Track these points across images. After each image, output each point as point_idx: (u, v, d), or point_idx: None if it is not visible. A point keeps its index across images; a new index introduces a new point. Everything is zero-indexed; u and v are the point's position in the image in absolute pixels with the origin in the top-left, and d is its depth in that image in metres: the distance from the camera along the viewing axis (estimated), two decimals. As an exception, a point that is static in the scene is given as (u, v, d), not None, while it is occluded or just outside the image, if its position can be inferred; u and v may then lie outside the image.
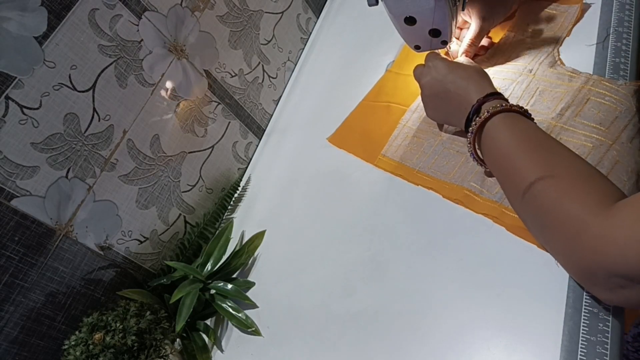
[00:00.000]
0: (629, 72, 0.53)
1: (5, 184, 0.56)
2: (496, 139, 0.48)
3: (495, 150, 0.49)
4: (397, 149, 0.67)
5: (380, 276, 0.57)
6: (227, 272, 0.70)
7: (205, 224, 0.79)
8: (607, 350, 0.39)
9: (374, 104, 0.77)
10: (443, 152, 0.62)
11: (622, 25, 0.56)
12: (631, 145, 0.48)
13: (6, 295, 0.57)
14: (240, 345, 0.64)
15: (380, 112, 0.75)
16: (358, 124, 0.77)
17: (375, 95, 0.78)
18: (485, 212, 0.53)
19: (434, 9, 0.53)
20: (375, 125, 0.74)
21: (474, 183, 0.56)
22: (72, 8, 0.60)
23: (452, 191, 0.57)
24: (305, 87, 0.95)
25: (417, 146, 0.65)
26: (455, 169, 0.59)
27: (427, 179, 0.61)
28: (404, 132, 0.68)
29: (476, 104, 0.51)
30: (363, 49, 0.90)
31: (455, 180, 0.58)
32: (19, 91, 0.56)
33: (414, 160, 0.64)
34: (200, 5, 0.78)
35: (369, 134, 0.74)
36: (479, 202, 0.54)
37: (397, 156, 0.66)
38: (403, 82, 0.75)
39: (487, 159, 0.51)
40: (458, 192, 0.57)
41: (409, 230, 0.58)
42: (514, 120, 0.48)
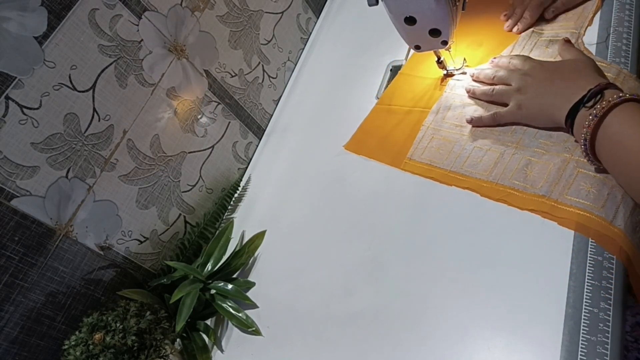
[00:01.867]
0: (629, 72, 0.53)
1: (5, 184, 0.56)
2: (629, 126, 0.42)
3: (627, 138, 0.42)
4: (423, 151, 0.65)
5: (380, 276, 0.57)
6: (228, 272, 0.70)
7: (206, 224, 0.79)
8: (607, 350, 0.39)
9: (389, 108, 0.75)
10: (474, 151, 0.60)
11: (622, 25, 0.56)
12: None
13: (6, 295, 0.57)
14: (240, 345, 0.64)
15: (398, 116, 0.72)
16: (376, 128, 0.75)
17: (390, 99, 0.76)
18: (532, 208, 0.51)
19: (434, 9, 0.53)
20: (395, 129, 0.71)
21: (515, 180, 0.54)
22: (72, 8, 0.60)
23: (492, 190, 0.55)
24: (305, 87, 0.95)
25: (446, 147, 0.63)
26: (491, 167, 0.57)
27: (462, 179, 0.58)
28: (429, 134, 0.66)
29: (596, 87, 0.45)
30: (363, 49, 0.90)
31: (494, 178, 0.56)
32: (19, 91, 0.56)
33: (444, 161, 0.62)
34: (200, 5, 0.78)
35: (389, 139, 0.71)
36: (525, 199, 0.52)
37: (425, 159, 0.64)
38: (418, 84, 0.73)
39: (609, 149, 0.45)
40: (499, 190, 0.55)
41: (409, 230, 0.58)
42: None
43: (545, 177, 0.52)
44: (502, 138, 0.58)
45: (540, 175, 0.53)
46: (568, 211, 0.49)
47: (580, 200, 0.49)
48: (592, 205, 0.48)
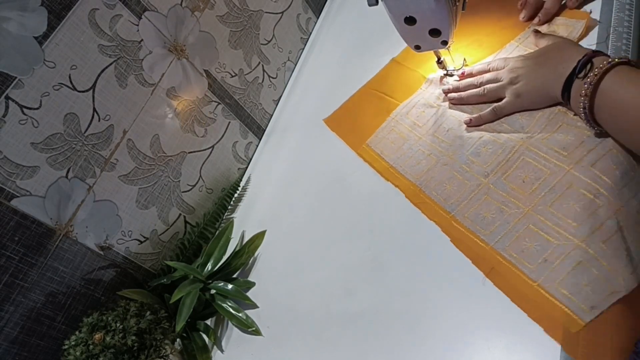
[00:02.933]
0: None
1: (5, 184, 0.56)
2: (624, 86, 0.44)
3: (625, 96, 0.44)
4: (380, 141, 0.69)
5: (380, 276, 0.57)
6: (228, 272, 0.70)
7: (206, 224, 0.79)
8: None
9: (372, 92, 0.78)
10: (418, 153, 0.64)
11: (622, 25, 0.56)
12: (592, 169, 0.47)
13: (6, 295, 0.57)
14: (240, 345, 0.64)
15: (376, 102, 0.75)
16: (354, 109, 0.79)
17: (376, 84, 0.79)
18: (436, 220, 0.56)
19: (434, 9, 0.53)
20: (369, 113, 0.75)
21: (434, 191, 0.58)
22: (72, 8, 0.60)
23: (414, 194, 0.60)
24: (305, 87, 0.95)
25: (398, 142, 0.67)
26: (424, 172, 0.61)
27: (397, 177, 0.63)
28: (391, 126, 0.70)
29: (584, 57, 0.47)
30: (363, 49, 0.89)
31: (420, 184, 0.60)
32: (19, 91, 0.56)
33: (391, 155, 0.66)
34: (200, 5, 0.78)
35: (361, 122, 0.75)
36: (434, 210, 0.57)
37: (378, 148, 0.68)
38: (405, 75, 0.75)
39: (609, 111, 0.46)
40: (419, 197, 0.59)
41: (408, 230, 0.58)
42: (635, 70, 0.45)
43: (458, 196, 0.56)
44: (443, 147, 0.62)
45: (455, 191, 0.57)
46: (460, 231, 0.53)
47: (474, 223, 0.53)
48: (481, 230, 0.52)
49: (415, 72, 0.73)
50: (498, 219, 0.52)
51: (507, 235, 0.50)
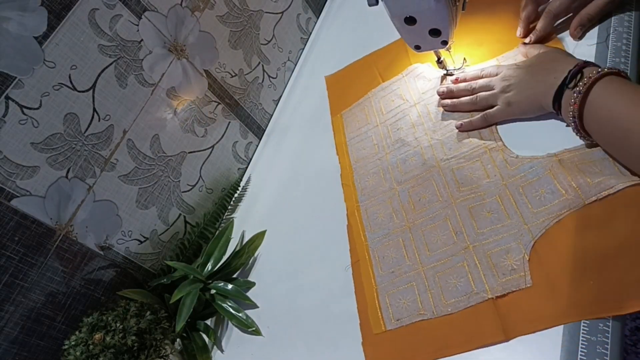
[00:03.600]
0: (629, 72, 0.53)
1: (5, 184, 0.56)
2: (612, 96, 0.45)
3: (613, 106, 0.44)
4: (351, 115, 0.74)
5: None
6: (228, 272, 0.70)
7: (206, 224, 0.79)
8: (607, 350, 0.39)
9: (370, 64, 0.80)
10: (367, 140, 0.69)
11: (622, 25, 0.56)
12: (468, 210, 0.54)
13: (6, 295, 0.57)
14: (240, 345, 0.64)
15: (369, 76, 0.78)
16: (352, 76, 0.83)
17: (378, 57, 0.81)
18: (347, 204, 0.65)
19: (434, 9, 0.53)
20: (360, 85, 0.78)
21: (359, 180, 0.66)
22: (72, 8, 0.60)
23: (346, 176, 0.68)
24: (305, 87, 0.95)
25: (360, 121, 0.72)
26: (362, 159, 0.68)
27: (344, 156, 0.70)
28: (364, 104, 0.74)
29: (575, 68, 0.47)
30: (363, 49, 0.89)
31: (355, 167, 0.68)
32: (19, 91, 0.56)
33: (350, 133, 0.72)
34: (200, 5, 0.78)
35: (351, 90, 0.79)
36: (350, 194, 0.65)
37: (347, 122, 0.74)
38: (401, 58, 0.76)
39: (598, 120, 0.46)
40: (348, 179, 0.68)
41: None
42: (623, 80, 0.46)
43: (371, 191, 0.64)
44: (387, 142, 0.67)
45: (372, 186, 0.64)
46: (356, 221, 0.62)
47: (369, 219, 0.62)
48: (369, 226, 0.61)
49: (409, 60, 0.74)
50: (385, 223, 0.60)
51: (381, 240, 0.59)
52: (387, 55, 0.79)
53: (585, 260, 0.44)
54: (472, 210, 0.54)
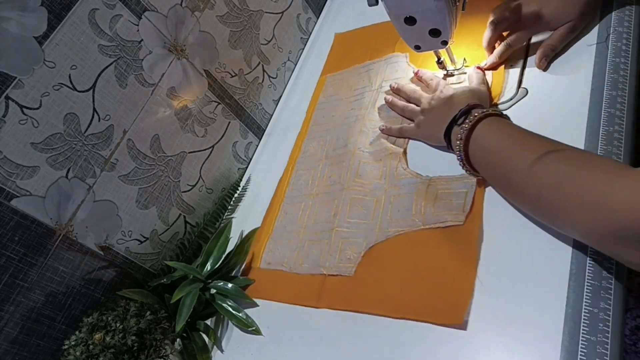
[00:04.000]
0: (629, 72, 0.53)
1: (5, 184, 0.56)
2: (493, 134, 0.50)
3: (493, 143, 0.50)
4: (332, 81, 0.80)
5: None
6: (227, 271, 0.70)
7: (205, 224, 0.79)
8: (607, 350, 0.39)
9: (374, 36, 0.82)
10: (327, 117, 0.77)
11: (622, 25, 0.56)
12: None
13: (6, 295, 0.57)
14: (240, 345, 0.64)
15: (363, 48, 0.82)
16: (356, 41, 0.86)
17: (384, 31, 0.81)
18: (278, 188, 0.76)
19: (434, 9, 0.53)
20: (355, 54, 0.82)
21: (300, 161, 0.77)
22: (72, 8, 0.60)
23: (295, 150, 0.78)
24: (305, 87, 0.95)
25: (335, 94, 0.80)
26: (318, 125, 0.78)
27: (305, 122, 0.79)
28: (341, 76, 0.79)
29: (465, 107, 0.54)
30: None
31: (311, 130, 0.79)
32: (19, 91, 0.56)
33: (324, 98, 0.79)
34: (200, 5, 0.78)
35: (347, 56, 0.83)
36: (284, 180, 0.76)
37: (326, 86, 0.81)
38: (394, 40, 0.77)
39: (481, 155, 0.51)
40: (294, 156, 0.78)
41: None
42: (505, 121, 0.52)
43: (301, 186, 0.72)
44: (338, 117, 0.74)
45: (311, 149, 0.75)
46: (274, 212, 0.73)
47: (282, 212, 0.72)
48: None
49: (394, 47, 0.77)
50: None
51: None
52: (388, 32, 0.80)
53: (401, 270, 0.53)
54: (352, 200, 0.63)
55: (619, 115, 0.51)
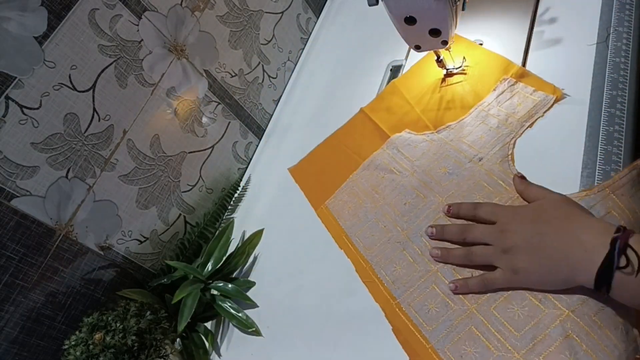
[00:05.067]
0: (629, 72, 0.53)
1: (5, 184, 0.56)
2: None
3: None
4: (338, 203, 0.66)
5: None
6: (227, 272, 0.70)
7: (206, 224, 0.79)
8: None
9: (338, 144, 0.75)
10: (372, 223, 0.61)
11: (622, 25, 0.56)
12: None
13: (6, 295, 0.57)
14: (241, 345, 0.64)
15: (342, 157, 0.72)
16: (319, 161, 0.76)
17: (344, 135, 0.75)
18: (381, 305, 0.53)
19: (434, 9, 0.53)
20: (334, 169, 0.71)
21: (383, 271, 0.55)
22: (72, 8, 0.60)
23: (363, 271, 0.57)
24: (305, 87, 0.95)
25: (355, 207, 0.64)
26: (375, 247, 0.58)
27: (349, 248, 0.60)
28: (350, 187, 0.67)
29: (619, 242, 0.38)
30: (363, 49, 0.89)
31: (371, 259, 0.57)
32: (19, 91, 0.56)
33: (346, 221, 0.63)
34: (200, 5, 0.78)
35: (324, 177, 0.72)
36: (380, 292, 0.54)
37: (335, 211, 0.66)
38: (370, 129, 0.71)
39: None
40: (368, 274, 0.57)
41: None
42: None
43: (406, 280, 0.53)
44: (398, 220, 0.59)
45: (403, 274, 0.54)
46: (403, 321, 0.50)
47: (417, 315, 0.50)
48: (424, 324, 0.49)
49: (379, 128, 0.70)
50: (442, 313, 0.48)
51: (448, 336, 0.47)
52: (353, 131, 0.75)
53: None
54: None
55: (619, 115, 0.51)
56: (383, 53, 0.83)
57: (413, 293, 0.52)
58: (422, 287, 0.51)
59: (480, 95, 0.63)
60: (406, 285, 0.53)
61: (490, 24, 0.69)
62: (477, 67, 0.66)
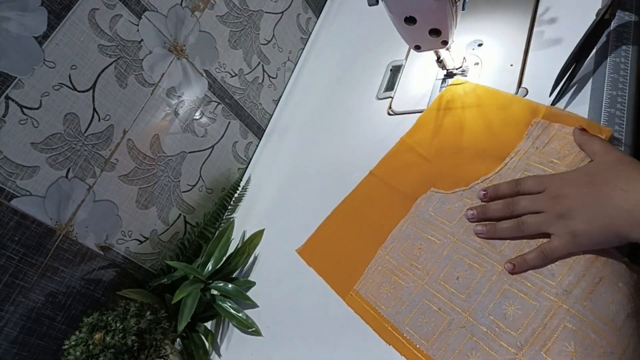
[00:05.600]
0: (629, 72, 0.53)
1: (5, 184, 0.56)
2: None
3: None
4: (371, 285, 0.55)
5: (380, 276, 0.56)
6: (228, 272, 0.70)
7: (206, 224, 0.79)
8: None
9: (350, 215, 0.63)
10: (423, 306, 0.50)
11: (622, 25, 0.56)
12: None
13: (6, 295, 0.57)
14: (241, 345, 0.64)
15: (357, 229, 0.61)
16: (330, 238, 0.63)
17: (355, 204, 0.64)
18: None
19: (434, 9, 0.53)
20: (350, 245, 0.60)
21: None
22: (72, 8, 0.60)
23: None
24: (305, 87, 0.95)
25: (395, 289, 0.53)
26: (434, 336, 0.47)
27: (400, 340, 0.49)
28: (382, 265, 0.55)
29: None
30: (363, 49, 0.89)
31: (434, 353, 0.46)
32: (19, 91, 0.56)
33: (388, 307, 0.52)
34: (200, 5, 0.78)
35: (342, 256, 0.60)
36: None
37: (370, 296, 0.54)
38: (386, 194, 0.62)
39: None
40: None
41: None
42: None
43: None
44: (454, 299, 0.48)
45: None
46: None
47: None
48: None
49: (399, 191, 0.61)
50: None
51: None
52: (366, 198, 0.64)
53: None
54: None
55: (619, 115, 0.51)
56: (383, 53, 0.83)
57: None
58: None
59: (506, 142, 0.55)
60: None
61: (490, 24, 0.69)
62: (498, 113, 0.59)
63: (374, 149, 0.71)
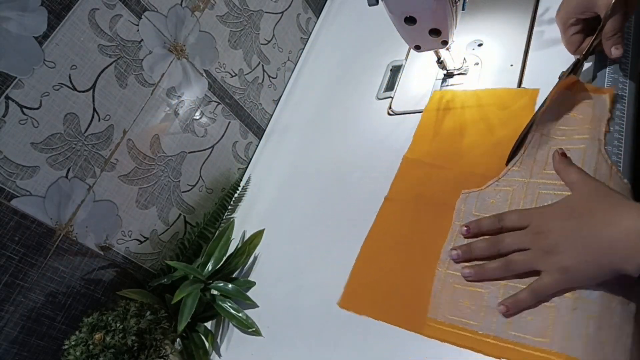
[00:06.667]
0: (629, 72, 0.53)
1: (5, 184, 0.56)
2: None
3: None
4: (447, 307, 0.49)
5: (380, 276, 0.56)
6: (228, 272, 0.70)
7: (206, 224, 0.79)
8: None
9: (382, 245, 0.59)
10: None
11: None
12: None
13: (6, 295, 0.57)
14: (241, 345, 0.64)
15: (398, 257, 0.56)
16: (371, 276, 0.58)
17: (384, 230, 0.60)
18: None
19: (434, 9, 0.53)
20: (398, 276, 0.55)
21: (591, 349, 0.40)
22: (72, 8, 0.60)
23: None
24: (305, 87, 0.95)
25: (477, 299, 0.48)
26: (548, 328, 0.43)
27: (511, 349, 0.44)
28: (448, 282, 0.50)
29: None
30: (363, 49, 0.90)
31: (560, 347, 0.41)
32: (19, 91, 0.56)
33: (479, 321, 0.47)
34: (200, 5, 0.78)
35: (394, 291, 0.54)
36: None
37: (454, 318, 0.48)
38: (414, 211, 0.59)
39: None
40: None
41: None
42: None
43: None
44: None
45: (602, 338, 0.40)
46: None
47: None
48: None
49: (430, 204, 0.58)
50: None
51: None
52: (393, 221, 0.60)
53: None
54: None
55: (619, 115, 0.51)
56: (383, 53, 0.83)
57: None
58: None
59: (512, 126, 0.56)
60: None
61: (490, 24, 0.69)
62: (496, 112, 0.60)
63: (374, 149, 0.71)
